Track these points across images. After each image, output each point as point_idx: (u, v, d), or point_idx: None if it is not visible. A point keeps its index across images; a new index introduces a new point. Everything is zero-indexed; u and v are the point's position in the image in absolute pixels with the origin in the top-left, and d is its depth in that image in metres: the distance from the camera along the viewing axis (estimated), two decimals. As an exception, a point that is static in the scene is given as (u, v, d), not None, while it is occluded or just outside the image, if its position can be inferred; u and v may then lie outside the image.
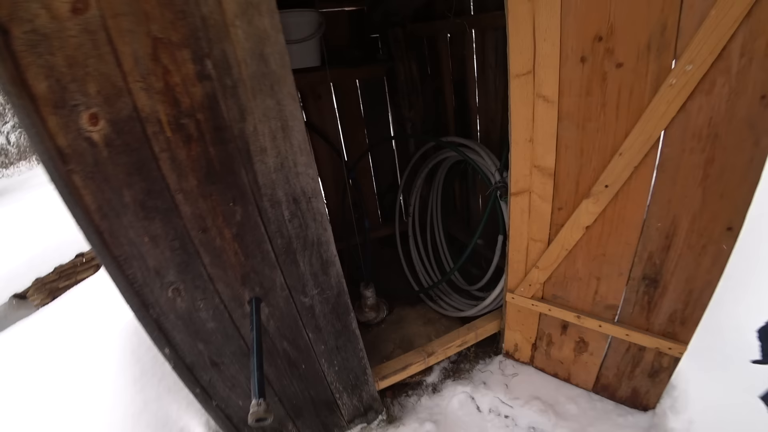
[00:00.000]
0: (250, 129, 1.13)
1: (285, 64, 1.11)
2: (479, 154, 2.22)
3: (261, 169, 1.18)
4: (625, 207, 1.42)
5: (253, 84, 1.09)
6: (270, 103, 1.12)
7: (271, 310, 1.41)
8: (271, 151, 1.17)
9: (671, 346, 1.58)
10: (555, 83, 1.34)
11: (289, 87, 1.13)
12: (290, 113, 1.15)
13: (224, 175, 1.15)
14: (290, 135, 1.18)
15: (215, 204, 1.17)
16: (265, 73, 1.09)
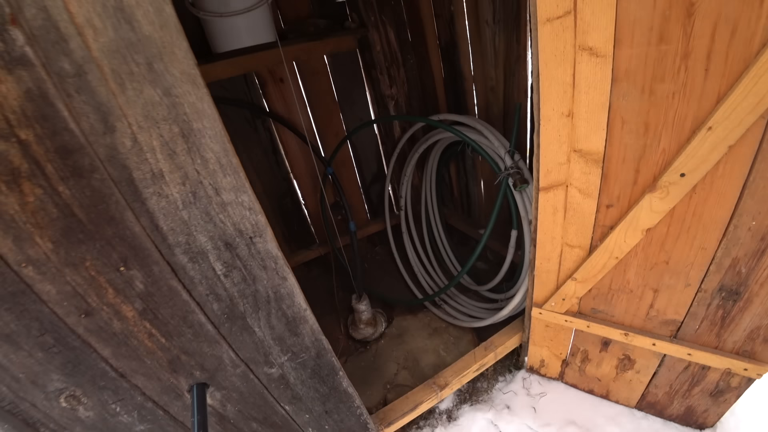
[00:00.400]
0: (127, 144, 0.62)
1: (168, 23, 0.59)
2: (482, 134, 1.72)
3: (160, 206, 0.68)
4: (705, 202, 0.96)
5: (114, 65, 0.58)
6: (152, 94, 0.61)
7: (225, 393, 0.94)
8: (172, 175, 0.67)
9: (747, 367, 1.16)
10: (609, 26, 0.84)
11: (184, 63, 0.62)
12: (192, 108, 0.65)
13: (98, 225, 0.65)
14: (199, 145, 0.67)
15: (94, 273, 0.68)
16: (134, 43, 0.58)
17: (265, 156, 2.16)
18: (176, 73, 0.62)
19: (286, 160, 2.24)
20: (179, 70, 0.62)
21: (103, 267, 0.68)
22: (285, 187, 2.31)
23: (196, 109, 0.65)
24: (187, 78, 0.63)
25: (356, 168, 2.53)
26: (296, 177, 2.33)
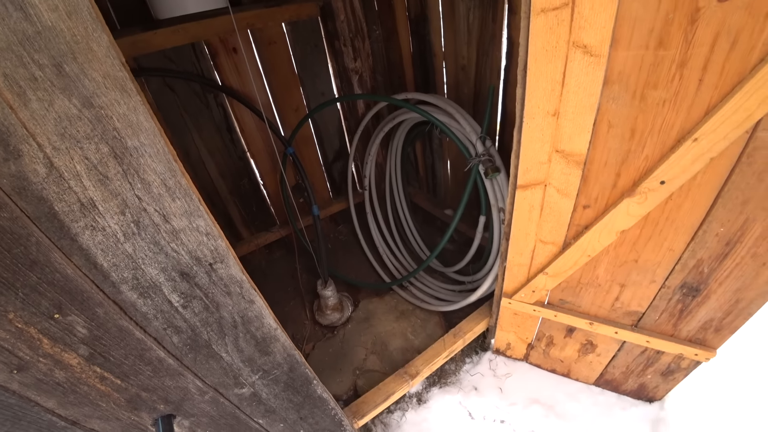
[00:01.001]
0: (41, 172, 0.47)
1: (78, 7, 0.43)
2: (452, 116, 1.63)
3: (96, 241, 0.54)
4: (679, 208, 0.95)
5: (6, 67, 0.42)
6: (67, 106, 0.46)
7: (193, 420, 0.85)
8: (107, 204, 0.53)
9: (697, 353, 1.23)
10: (608, 24, 0.76)
11: (106, 64, 0.47)
12: (124, 121, 0.50)
13: (16, 272, 0.51)
14: (137, 166, 0.53)
15: (21, 324, 0.54)
16: (30, 37, 0.42)
17: (218, 134, 1.95)
18: (97, 77, 0.47)
19: (242, 138, 2.03)
20: (101, 73, 0.47)
21: (31, 317, 0.54)
22: (242, 167, 2.12)
23: (129, 123, 0.50)
24: (114, 83, 0.48)
25: (318, 145, 2.36)
26: (253, 156, 2.14)
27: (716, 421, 1.46)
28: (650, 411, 1.55)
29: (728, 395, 1.52)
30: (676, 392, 1.52)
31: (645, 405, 1.57)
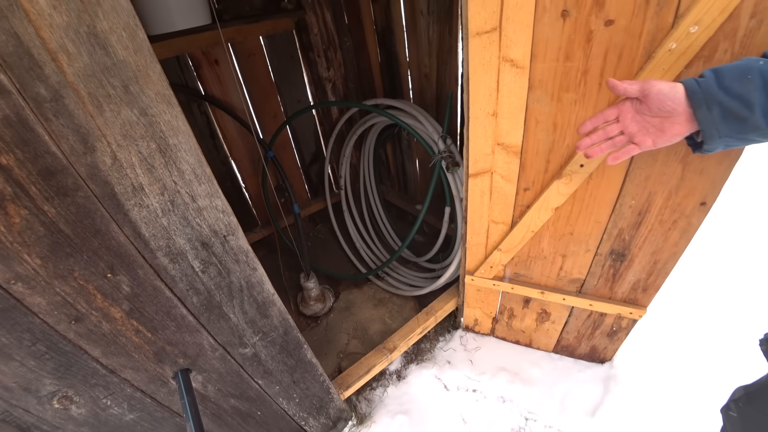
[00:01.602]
0: (107, 162, 0.67)
1: (141, 47, 0.64)
2: (416, 119, 1.87)
3: (142, 216, 0.74)
4: (599, 186, 1.21)
5: (91, 89, 0.62)
6: (130, 115, 0.66)
7: (205, 375, 1.03)
8: (152, 187, 0.73)
9: (632, 311, 1.50)
10: (527, 44, 1.01)
11: (158, 85, 0.67)
12: (168, 126, 0.70)
13: (84, 239, 0.69)
14: (176, 158, 0.73)
15: (83, 282, 0.72)
16: (109, 67, 0.62)
17: (202, 140, 2.12)
18: (151, 94, 0.67)
19: (224, 144, 2.22)
20: (154, 92, 0.67)
21: (90, 276, 0.73)
22: (224, 171, 2.30)
23: (172, 127, 0.71)
24: (162, 98, 0.68)
25: (295, 149, 2.57)
26: (235, 160, 2.32)
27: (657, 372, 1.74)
28: (602, 371, 1.82)
29: (663, 348, 1.81)
30: (622, 352, 1.79)
31: (598, 366, 1.83)
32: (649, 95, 0.75)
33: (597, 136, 0.86)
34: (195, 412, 0.90)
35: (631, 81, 0.77)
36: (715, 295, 2.06)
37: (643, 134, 0.80)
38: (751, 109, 0.68)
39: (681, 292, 2.05)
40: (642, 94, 0.76)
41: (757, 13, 0.80)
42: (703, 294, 2.07)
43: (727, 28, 0.84)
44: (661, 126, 0.77)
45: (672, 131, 0.77)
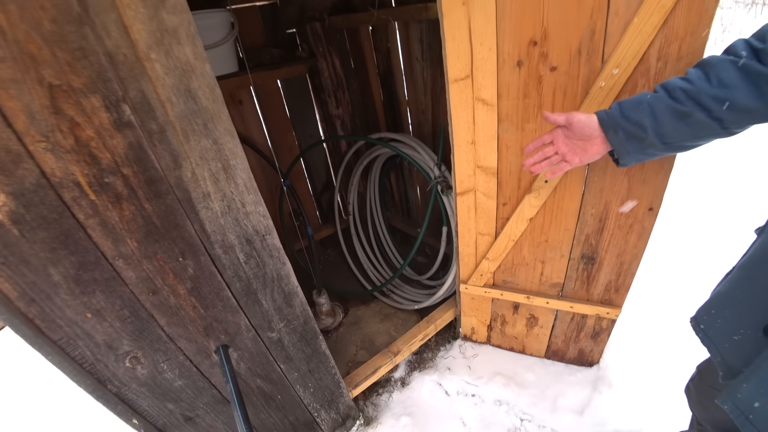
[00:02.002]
0: (188, 175, 0.99)
1: (217, 98, 0.97)
2: (415, 149, 2.21)
3: (207, 216, 1.05)
4: (563, 198, 1.50)
5: (183, 125, 0.95)
6: (206, 143, 0.99)
7: (239, 353, 1.30)
8: (215, 195, 1.04)
9: (608, 311, 1.74)
10: (493, 87, 1.35)
11: (225, 123, 1.00)
12: (230, 152, 1.03)
13: (167, 230, 1.00)
14: (234, 175, 1.05)
15: (162, 263, 1.03)
16: (196, 111, 0.95)
17: (226, 171, 2.47)
18: (221, 129, 1.00)
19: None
20: (223, 128, 1.00)
21: (168, 258, 1.03)
22: (244, 199, 2.64)
23: (233, 152, 1.03)
24: (227, 132, 1.01)
25: (308, 179, 2.92)
26: (254, 189, 2.66)
27: (640, 371, 1.95)
28: (591, 373, 2.03)
29: (645, 349, 2.02)
30: (608, 355, 2.01)
31: (587, 369, 2.05)
32: (572, 124, 1.06)
33: (537, 156, 1.16)
34: (234, 378, 1.17)
35: (559, 113, 1.09)
36: (687, 294, 2.29)
37: (572, 154, 1.11)
38: (645, 131, 0.98)
39: (657, 294, 2.28)
40: (567, 123, 1.07)
41: (662, 57, 1.13)
42: (677, 294, 2.30)
43: (641, 69, 1.16)
44: (584, 147, 1.08)
45: (592, 151, 1.08)
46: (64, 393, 2.46)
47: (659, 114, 0.96)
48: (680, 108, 0.93)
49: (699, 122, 0.92)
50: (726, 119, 0.89)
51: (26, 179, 0.81)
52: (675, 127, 0.96)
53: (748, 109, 0.86)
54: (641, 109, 0.98)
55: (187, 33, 0.89)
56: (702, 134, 0.95)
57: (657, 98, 0.97)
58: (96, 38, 0.80)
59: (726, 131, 0.93)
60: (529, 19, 1.20)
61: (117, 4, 0.80)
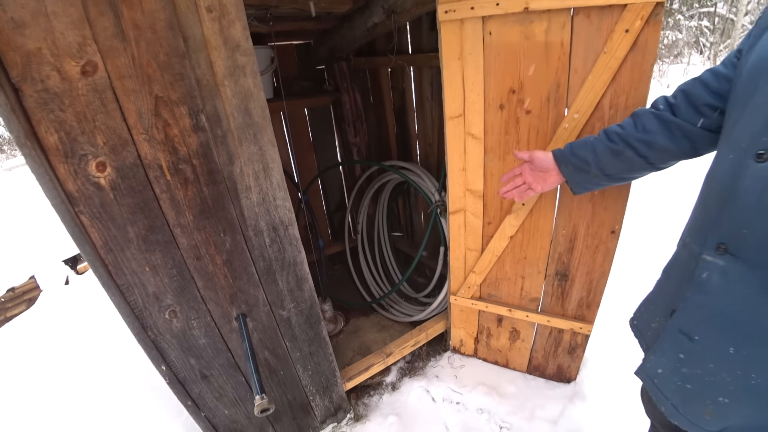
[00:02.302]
0: (237, 171, 1.34)
1: (266, 116, 1.34)
2: (420, 177, 2.57)
3: (246, 204, 1.40)
4: (539, 220, 1.82)
5: (239, 133, 1.31)
6: (253, 149, 1.35)
7: (254, 324, 1.60)
8: (255, 188, 1.39)
9: (581, 326, 1.99)
10: (481, 124, 1.70)
11: (269, 135, 1.37)
12: (270, 157, 1.39)
13: (216, 210, 1.35)
14: (270, 175, 1.41)
15: (208, 235, 1.36)
16: (249, 124, 1.32)
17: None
18: (266, 139, 1.36)
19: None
20: (267, 138, 1.36)
21: (212, 232, 1.37)
22: (264, 211, 3.01)
23: (272, 157, 1.39)
24: (270, 142, 1.37)
25: (323, 198, 3.29)
26: (274, 203, 3.03)
27: (613, 387, 2.16)
28: (568, 388, 2.24)
29: (618, 369, 2.24)
30: (584, 372, 2.23)
31: (565, 385, 2.26)
32: (534, 159, 1.40)
33: (509, 185, 1.49)
34: (250, 340, 1.47)
35: (525, 152, 1.42)
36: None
37: (535, 183, 1.43)
38: (589, 165, 1.31)
39: (626, 312, 2.51)
40: (530, 158, 1.41)
41: (613, 106, 1.47)
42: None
43: (597, 115, 1.50)
44: (544, 177, 1.41)
45: (550, 180, 1.41)
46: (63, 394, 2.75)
47: (599, 152, 1.29)
48: (615, 147, 1.25)
49: (629, 158, 1.24)
50: (650, 157, 1.22)
51: (127, 158, 1.17)
52: (612, 162, 1.28)
53: (665, 149, 1.18)
54: (586, 148, 1.31)
55: (251, 69, 1.28)
56: (633, 168, 1.28)
57: (598, 140, 1.30)
58: (191, 68, 1.18)
59: (652, 166, 1.25)
60: (509, 73, 1.57)
61: (208, 47, 1.19)
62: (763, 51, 0.87)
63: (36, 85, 1.03)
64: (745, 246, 0.84)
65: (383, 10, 2.20)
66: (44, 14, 1.00)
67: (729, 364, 0.91)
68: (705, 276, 0.92)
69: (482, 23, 1.53)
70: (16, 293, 3.71)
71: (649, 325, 1.22)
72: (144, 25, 1.11)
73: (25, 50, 1.00)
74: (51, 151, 1.09)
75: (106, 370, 2.65)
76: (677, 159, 1.22)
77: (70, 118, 1.09)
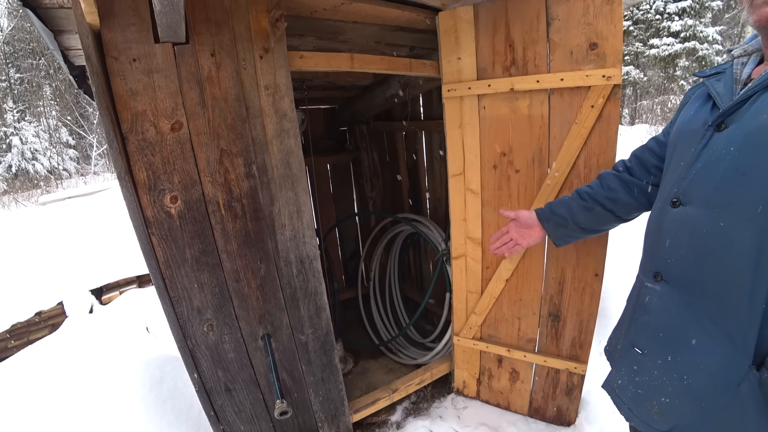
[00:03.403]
0: (276, 211, 1.71)
1: (302, 169, 1.73)
2: (429, 228, 2.90)
3: (281, 238, 1.74)
4: (531, 264, 2.11)
5: (280, 181, 1.69)
6: (290, 194, 1.72)
7: (276, 344, 1.88)
8: (288, 226, 1.75)
9: (576, 366, 2.19)
10: (478, 181, 2.06)
11: (304, 184, 1.74)
12: (303, 201, 1.75)
13: (256, 242, 1.69)
14: (302, 216, 1.76)
15: (247, 262, 1.70)
16: (289, 175, 1.70)
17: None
18: (300, 187, 1.73)
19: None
20: (301, 187, 1.74)
21: (251, 259, 1.70)
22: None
23: (304, 202, 1.75)
24: (304, 190, 1.74)
25: (339, 246, 3.63)
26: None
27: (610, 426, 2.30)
28: None
29: (613, 408, 2.38)
30: (582, 415, 2.38)
31: (565, 429, 2.40)
32: (519, 218, 1.70)
33: (498, 243, 1.76)
34: (273, 358, 1.74)
35: (511, 210, 1.71)
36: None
37: (521, 238, 1.72)
38: (566, 221, 1.61)
39: None
40: (516, 217, 1.71)
41: (587, 165, 1.81)
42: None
43: (574, 173, 1.85)
44: (528, 233, 1.70)
45: (534, 236, 1.68)
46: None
47: (573, 209, 1.59)
48: (586, 204, 1.57)
49: (599, 213, 1.55)
50: (615, 210, 1.53)
51: (194, 195, 1.55)
52: (585, 216, 1.57)
53: (626, 203, 1.49)
54: (563, 206, 1.62)
55: (293, 132, 1.68)
56: (603, 221, 1.57)
57: (572, 199, 1.62)
58: (249, 129, 1.59)
59: (619, 219, 1.55)
60: (501, 139, 1.96)
61: (263, 115, 1.61)
62: (680, 123, 1.21)
63: (138, 135, 1.43)
64: (672, 273, 1.12)
65: (399, 85, 2.67)
66: (152, 87, 1.43)
67: (667, 370, 1.16)
68: (647, 299, 1.20)
69: (478, 100, 1.95)
70: (42, 317, 4.02)
71: (616, 347, 1.46)
72: (219, 97, 1.53)
73: (135, 111, 1.42)
74: (140, 185, 1.47)
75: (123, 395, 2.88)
76: (638, 211, 1.52)
77: (157, 161, 1.48)
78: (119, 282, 4.68)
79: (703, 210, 1.03)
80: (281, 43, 1.63)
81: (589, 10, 1.67)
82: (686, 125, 1.16)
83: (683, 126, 1.17)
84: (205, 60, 1.49)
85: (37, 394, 3.05)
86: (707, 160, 1.03)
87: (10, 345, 3.93)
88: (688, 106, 1.21)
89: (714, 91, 1.08)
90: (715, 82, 1.11)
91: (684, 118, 1.19)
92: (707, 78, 1.15)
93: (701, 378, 1.07)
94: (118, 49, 1.36)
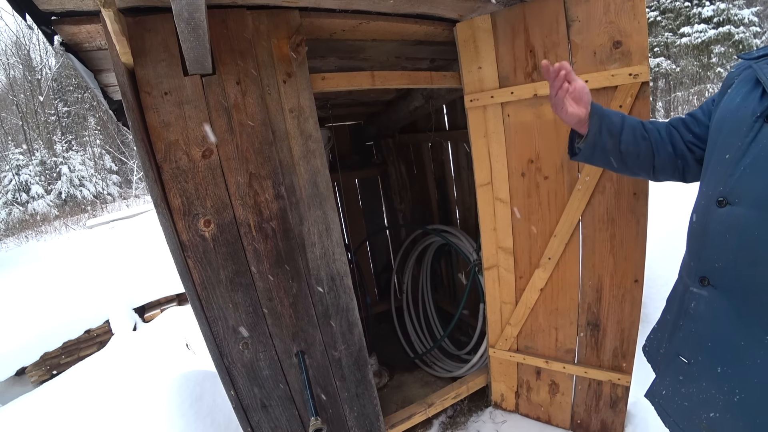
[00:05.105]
0: (306, 230, 1.74)
1: (329, 188, 1.76)
2: (459, 238, 2.88)
3: (311, 257, 1.77)
4: (565, 272, 2.05)
5: (309, 201, 1.73)
6: (319, 213, 1.75)
7: (310, 361, 1.90)
8: (318, 244, 1.78)
9: (619, 377, 2.10)
10: (507, 190, 2.04)
11: (331, 203, 1.77)
12: (331, 220, 1.78)
13: (287, 261, 1.73)
14: (331, 234, 1.79)
15: (280, 281, 1.74)
16: (317, 194, 1.74)
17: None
18: (328, 206, 1.77)
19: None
20: (329, 205, 1.77)
21: (283, 277, 1.74)
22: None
23: (333, 220, 1.78)
24: (332, 208, 1.78)
25: (371, 260, 3.65)
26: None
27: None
28: (613, 451, 2.28)
29: None
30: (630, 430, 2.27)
31: (609, 447, 2.30)
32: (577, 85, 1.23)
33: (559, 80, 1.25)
34: (307, 373, 1.77)
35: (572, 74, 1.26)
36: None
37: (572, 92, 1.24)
38: (614, 127, 1.24)
39: None
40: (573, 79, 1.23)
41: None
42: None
43: (605, 176, 1.79)
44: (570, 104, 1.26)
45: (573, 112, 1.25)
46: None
47: (626, 126, 1.29)
48: (639, 132, 1.29)
49: (644, 148, 1.29)
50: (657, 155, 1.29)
51: (226, 218, 1.60)
52: (630, 140, 1.28)
53: (668, 156, 1.28)
54: (617, 116, 1.30)
55: (319, 153, 1.72)
56: (639, 161, 1.32)
57: (630, 119, 1.32)
58: (276, 152, 1.64)
59: (652, 169, 1.33)
60: (527, 146, 1.93)
61: (289, 137, 1.66)
62: (723, 110, 1.09)
63: (171, 164, 1.51)
64: (721, 278, 1.05)
65: (422, 96, 2.69)
66: (183, 118, 1.51)
67: (717, 383, 1.09)
68: (693, 306, 1.13)
69: (501, 108, 1.93)
70: (91, 335, 4.25)
71: (658, 350, 1.39)
72: (246, 123, 1.59)
73: (168, 141, 1.49)
74: (175, 210, 1.54)
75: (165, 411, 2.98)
76: (672, 174, 1.34)
77: (190, 187, 1.54)
78: (160, 300, 4.89)
79: (754, 211, 0.95)
80: (303, 67, 1.68)
81: (610, 8, 1.64)
82: (731, 114, 1.04)
83: (728, 114, 1.06)
84: (231, 88, 1.56)
85: (87, 408, 3.20)
86: (757, 155, 0.94)
87: (62, 361, 4.17)
88: (732, 91, 1.09)
89: (764, 77, 0.97)
90: (765, 66, 0.99)
91: (728, 104, 1.07)
92: (754, 60, 1.03)
93: (754, 393, 1.01)
94: (151, 84, 1.44)
